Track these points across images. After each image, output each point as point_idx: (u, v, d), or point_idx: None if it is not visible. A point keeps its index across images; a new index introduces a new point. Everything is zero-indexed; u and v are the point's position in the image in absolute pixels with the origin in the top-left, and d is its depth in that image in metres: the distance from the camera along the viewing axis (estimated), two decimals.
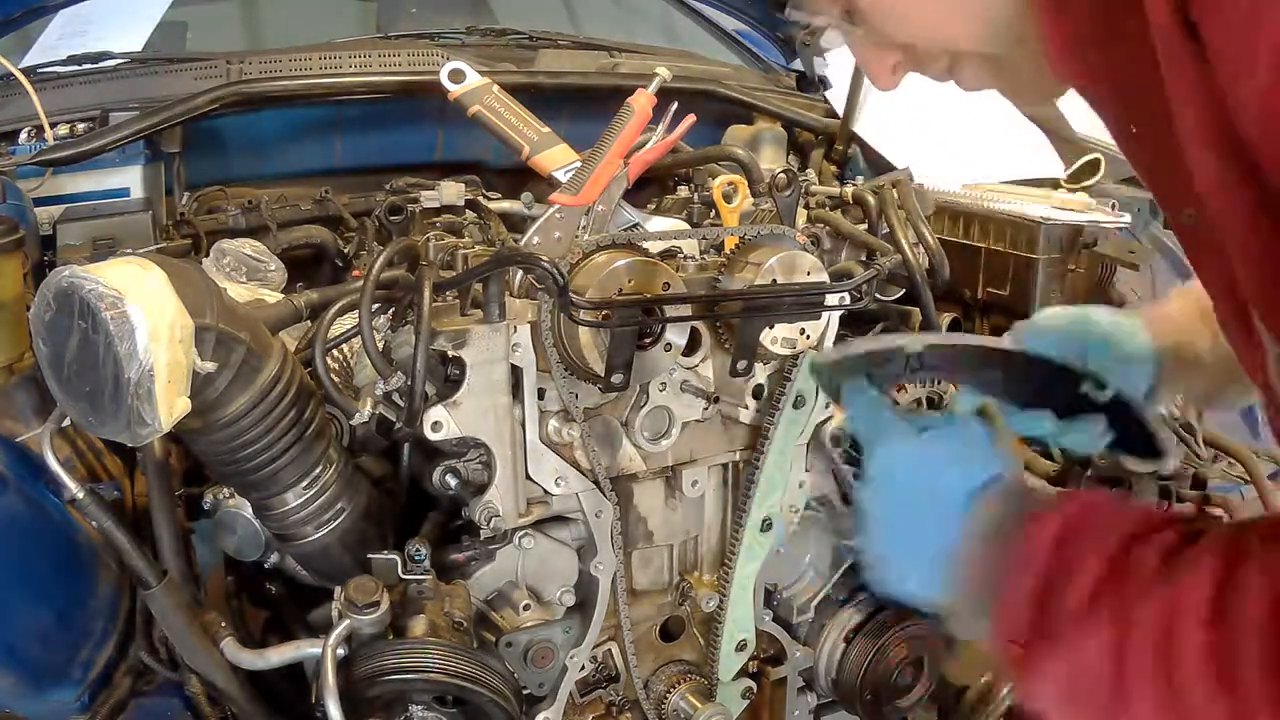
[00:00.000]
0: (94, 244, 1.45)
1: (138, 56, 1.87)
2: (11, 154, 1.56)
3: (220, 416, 1.11)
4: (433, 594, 1.25)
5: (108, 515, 1.16)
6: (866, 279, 1.42)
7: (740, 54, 2.64)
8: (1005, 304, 1.81)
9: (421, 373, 1.18)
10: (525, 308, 1.28)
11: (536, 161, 1.46)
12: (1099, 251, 1.77)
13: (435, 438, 1.24)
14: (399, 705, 1.18)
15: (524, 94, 1.58)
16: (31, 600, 1.16)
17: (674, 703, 1.56)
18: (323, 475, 1.23)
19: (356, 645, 1.16)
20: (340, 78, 1.79)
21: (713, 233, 1.43)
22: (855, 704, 1.69)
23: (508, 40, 2.09)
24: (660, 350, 1.30)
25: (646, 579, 1.52)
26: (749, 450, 1.51)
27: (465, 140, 1.90)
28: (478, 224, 1.63)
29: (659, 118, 1.48)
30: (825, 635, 1.70)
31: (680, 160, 1.78)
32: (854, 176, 1.99)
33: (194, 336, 1.02)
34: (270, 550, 1.35)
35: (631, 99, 1.45)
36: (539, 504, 1.36)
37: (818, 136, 2.14)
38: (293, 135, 1.84)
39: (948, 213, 1.88)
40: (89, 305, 0.95)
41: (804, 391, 1.48)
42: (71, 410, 1.01)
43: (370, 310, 1.23)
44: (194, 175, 1.75)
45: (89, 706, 1.23)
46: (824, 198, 1.74)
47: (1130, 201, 2.00)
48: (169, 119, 1.57)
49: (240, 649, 1.23)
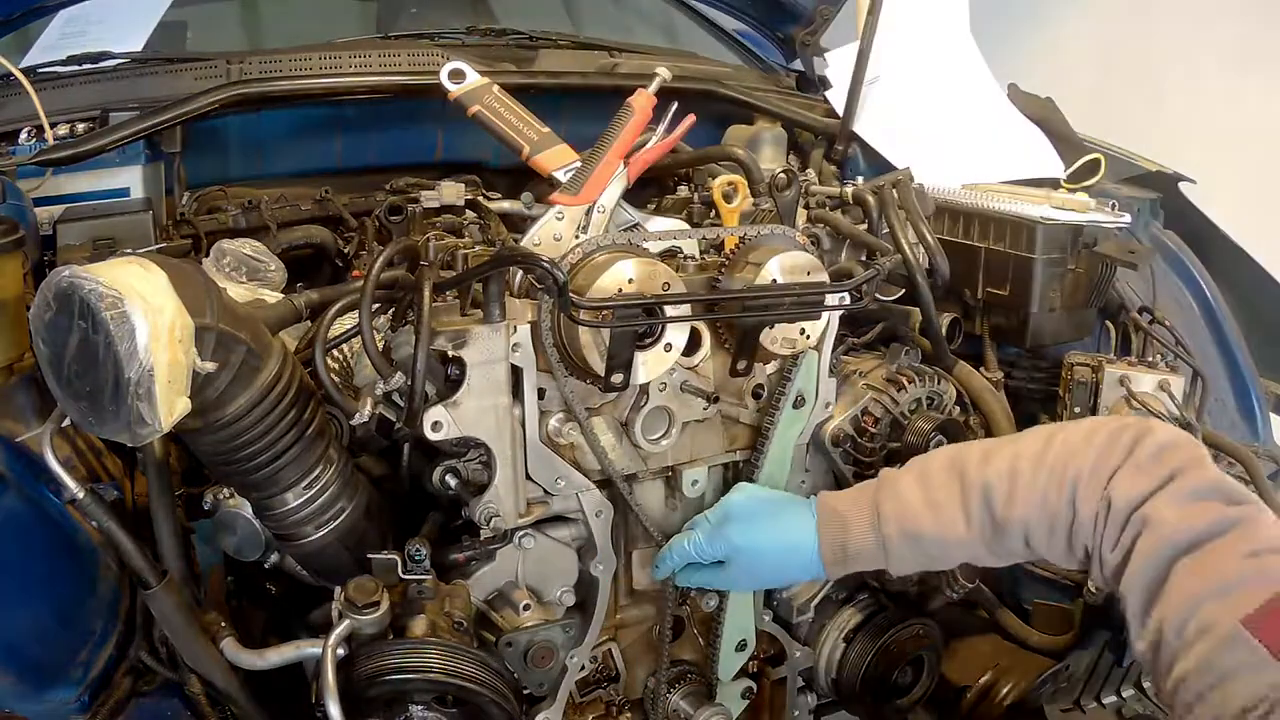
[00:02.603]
0: (94, 244, 1.45)
1: (138, 56, 1.87)
2: (11, 154, 1.56)
3: (220, 416, 1.11)
4: (433, 594, 1.25)
5: (108, 515, 1.16)
6: (866, 279, 1.42)
7: (740, 54, 2.65)
8: (1005, 304, 1.81)
9: (421, 373, 1.18)
10: (525, 308, 1.28)
11: (536, 161, 1.46)
12: (1099, 251, 1.77)
13: (435, 438, 1.24)
14: (399, 705, 1.18)
15: (524, 94, 1.58)
16: (31, 600, 1.16)
17: (674, 703, 1.56)
18: (323, 475, 1.23)
19: (356, 645, 1.16)
20: (340, 78, 1.80)
21: (713, 233, 1.43)
22: (855, 704, 1.69)
23: (508, 40, 2.09)
24: (660, 350, 1.30)
25: (646, 579, 1.52)
26: (749, 450, 1.51)
27: (465, 140, 1.90)
28: (478, 224, 1.64)
29: (659, 118, 1.48)
30: (825, 635, 1.70)
31: (680, 160, 1.79)
32: (854, 176, 1.99)
33: (194, 336, 1.02)
34: (270, 550, 1.35)
35: (631, 99, 1.45)
36: (539, 504, 1.36)
37: (818, 136, 2.15)
38: (293, 135, 1.84)
39: (948, 213, 1.88)
40: (89, 305, 0.95)
41: (804, 391, 1.48)
42: (71, 410, 1.01)
43: (370, 310, 1.23)
44: (194, 175, 1.75)
45: (89, 706, 1.23)
46: (824, 198, 1.74)
47: (1130, 201, 2.00)
48: (169, 119, 1.57)
49: (240, 649, 1.23)
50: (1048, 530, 1.19)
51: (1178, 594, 1.02)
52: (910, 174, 1.75)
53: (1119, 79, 3.79)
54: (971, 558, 1.28)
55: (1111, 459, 1.15)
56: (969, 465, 1.25)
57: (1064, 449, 1.19)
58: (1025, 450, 1.22)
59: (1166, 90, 3.69)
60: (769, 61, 2.63)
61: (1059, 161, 2.07)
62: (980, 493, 1.22)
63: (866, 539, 1.29)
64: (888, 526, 1.28)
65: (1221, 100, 3.55)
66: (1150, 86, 3.72)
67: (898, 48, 2.17)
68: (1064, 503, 1.16)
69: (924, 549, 1.28)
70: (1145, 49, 3.76)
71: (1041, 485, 1.18)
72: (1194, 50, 3.62)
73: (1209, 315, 2.06)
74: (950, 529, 1.24)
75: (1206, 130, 3.41)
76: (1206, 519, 1.04)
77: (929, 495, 1.26)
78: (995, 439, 1.31)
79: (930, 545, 1.27)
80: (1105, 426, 1.19)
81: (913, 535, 1.27)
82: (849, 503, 1.33)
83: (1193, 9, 3.63)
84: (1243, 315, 2.10)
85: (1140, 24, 3.78)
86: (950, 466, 1.27)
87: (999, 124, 2.16)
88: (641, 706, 1.59)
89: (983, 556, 1.27)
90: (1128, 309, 1.91)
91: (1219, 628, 0.96)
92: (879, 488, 1.31)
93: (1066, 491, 1.16)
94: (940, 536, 1.26)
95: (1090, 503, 1.14)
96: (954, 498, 1.24)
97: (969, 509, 1.23)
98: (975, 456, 1.25)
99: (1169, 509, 1.07)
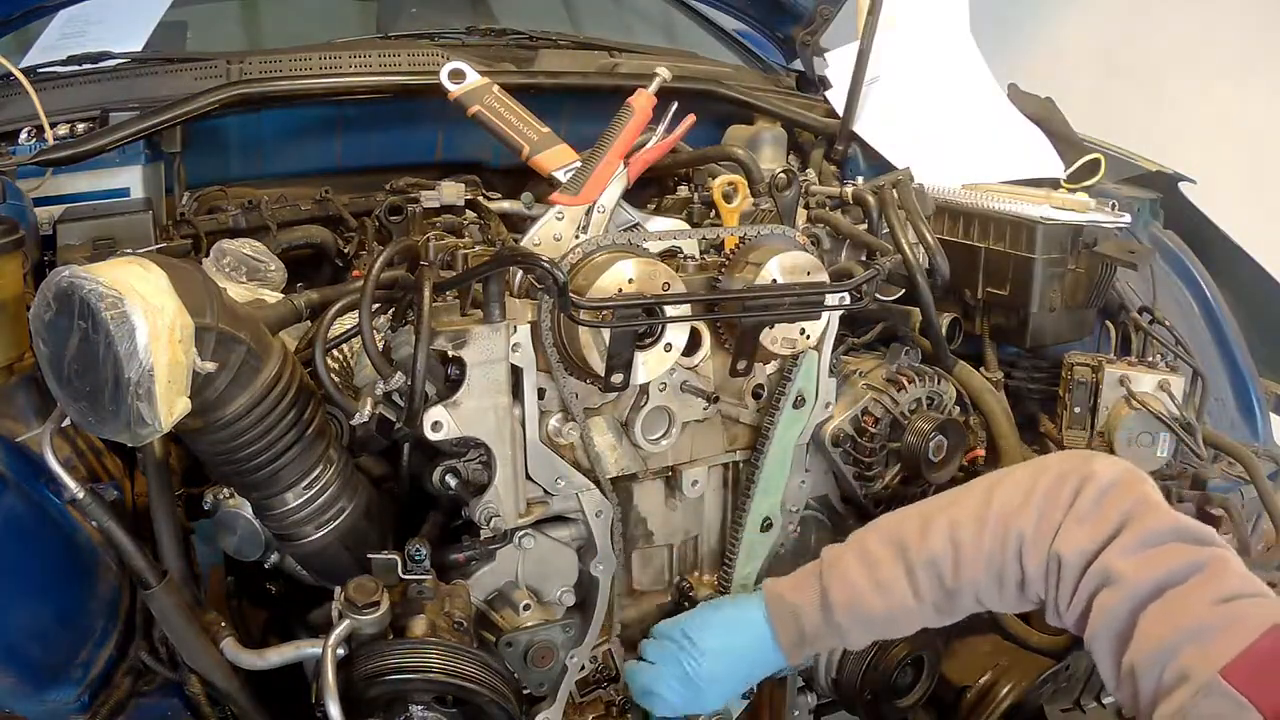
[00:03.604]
0: (94, 244, 1.45)
1: (138, 56, 1.87)
2: (11, 154, 1.55)
3: (220, 416, 1.11)
4: (433, 594, 1.25)
5: (108, 515, 1.16)
6: (866, 279, 1.42)
7: (740, 54, 2.65)
8: (1005, 304, 1.81)
9: (421, 373, 1.18)
10: (525, 308, 1.28)
11: (536, 161, 1.46)
12: (1099, 251, 1.76)
13: (435, 438, 1.24)
14: (399, 705, 1.18)
15: (524, 94, 1.58)
16: (31, 600, 1.16)
17: None
18: (323, 475, 1.23)
19: (356, 645, 1.16)
20: (340, 78, 1.79)
21: (713, 233, 1.43)
22: (855, 704, 1.69)
23: (508, 40, 2.09)
24: (660, 350, 1.30)
25: (646, 579, 1.52)
26: (749, 450, 1.51)
27: (465, 140, 1.90)
28: (478, 224, 1.63)
29: (659, 118, 1.48)
30: None
31: (680, 160, 1.78)
32: (854, 176, 1.99)
33: (194, 336, 1.02)
34: (270, 550, 1.35)
35: (631, 99, 1.45)
36: (539, 504, 1.36)
37: (818, 136, 2.14)
38: (293, 135, 1.84)
39: (948, 213, 1.88)
40: (89, 305, 0.95)
41: (804, 391, 1.48)
42: (71, 410, 1.01)
43: (370, 310, 1.23)
44: (194, 175, 1.75)
45: (89, 706, 1.23)
46: (824, 198, 1.74)
47: (1130, 201, 2.00)
48: (169, 119, 1.57)
49: (240, 649, 1.23)
50: (997, 587, 1.20)
51: (1147, 640, 1.02)
52: (910, 174, 1.75)
53: (1119, 79, 3.79)
54: (925, 624, 1.30)
55: (1054, 515, 1.14)
56: (909, 540, 1.24)
57: (1003, 509, 1.18)
58: (964, 516, 1.21)
59: (1166, 90, 3.69)
60: (769, 61, 2.62)
61: (1059, 161, 2.06)
62: (926, 567, 1.23)
63: (819, 626, 1.30)
64: (839, 614, 1.28)
65: (1221, 100, 3.55)
66: (1150, 86, 3.72)
67: (898, 48, 2.17)
68: (1010, 560, 1.17)
69: (877, 627, 1.31)
70: (1145, 49, 3.77)
71: (986, 549, 1.18)
72: (1194, 50, 3.62)
73: (1209, 315, 2.06)
74: (900, 605, 1.26)
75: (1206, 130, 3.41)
76: (1167, 565, 1.04)
77: (874, 576, 1.26)
78: (931, 501, 1.30)
79: (883, 623, 1.29)
80: (1043, 478, 1.18)
81: (864, 618, 1.28)
82: (796, 591, 1.33)
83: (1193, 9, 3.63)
84: (1242, 315, 2.10)
85: (1140, 24, 3.78)
86: (890, 542, 1.27)
87: (999, 124, 2.16)
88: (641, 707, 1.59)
89: (936, 620, 1.29)
90: (1128, 309, 1.91)
91: (1197, 676, 0.96)
92: (823, 573, 1.31)
93: (1011, 550, 1.16)
94: (891, 614, 1.27)
95: (1038, 560, 1.14)
96: (899, 576, 1.24)
97: (916, 585, 1.24)
98: (914, 529, 1.25)
99: (1124, 561, 1.06)
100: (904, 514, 1.30)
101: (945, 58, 2.23)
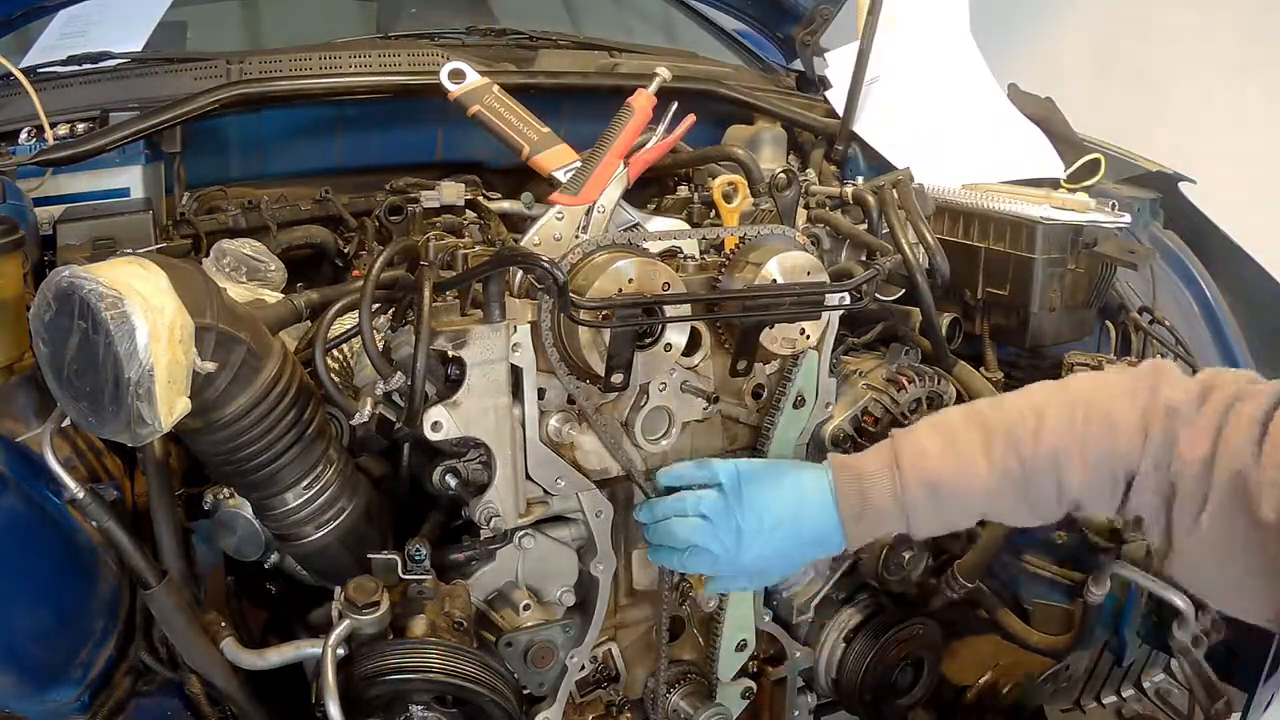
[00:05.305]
0: (94, 244, 1.45)
1: (138, 56, 1.87)
2: (11, 154, 1.56)
3: (220, 416, 1.11)
4: (433, 594, 1.25)
5: (108, 515, 1.16)
6: (866, 279, 1.42)
7: (740, 54, 2.65)
8: (1005, 304, 1.81)
9: (421, 373, 1.18)
10: (525, 308, 1.28)
11: (536, 161, 1.46)
12: (1099, 251, 1.77)
13: (435, 438, 1.24)
14: (399, 705, 1.18)
15: (524, 94, 1.58)
16: (31, 600, 1.16)
17: (674, 703, 1.56)
18: (323, 475, 1.23)
19: (356, 645, 1.16)
20: (340, 78, 1.80)
21: (713, 233, 1.43)
22: (855, 704, 1.69)
23: (508, 40, 2.10)
24: (660, 350, 1.30)
25: (646, 579, 1.52)
26: (749, 450, 1.51)
27: (465, 140, 1.90)
28: (478, 224, 1.64)
29: (659, 118, 1.48)
30: (825, 635, 1.70)
31: (680, 160, 1.79)
32: (854, 176, 1.99)
33: (194, 336, 1.02)
34: (270, 550, 1.35)
35: (631, 99, 1.45)
36: (539, 504, 1.36)
37: (818, 136, 2.15)
38: (293, 135, 1.84)
39: (948, 213, 1.88)
40: (89, 305, 0.95)
41: (804, 391, 1.48)
42: (71, 410, 1.01)
43: (370, 310, 1.23)
44: (194, 175, 1.75)
45: (89, 706, 1.23)
46: (824, 198, 1.74)
47: (1130, 201, 2.00)
48: (169, 119, 1.57)
49: (240, 649, 1.23)
50: (1079, 458, 1.13)
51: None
52: (910, 174, 1.75)
53: (1119, 79, 3.79)
54: (995, 509, 1.22)
55: (1143, 380, 1.13)
56: (986, 411, 1.21)
57: (1086, 381, 1.20)
58: (1042, 390, 1.20)
59: (1166, 90, 3.68)
60: (769, 61, 2.63)
61: (1059, 161, 2.07)
62: (1004, 433, 1.17)
63: (884, 493, 1.22)
64: (906, 477, 1.20)
65: (1221, 100, 3.55)
66: (1150, 86, 3.72)
67: (898, 48, 2.18)
68: (1101, 422, 1.12)
69: (944, 501, 1.20)
70: (1145, 49, 3.76)
71: (1068, 413, 1.14)
72: (1193, 50, 3.62)
73: (1209, 315, 2.06)
74: (971, 472, 1.18)
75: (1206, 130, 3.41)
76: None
77: (949, 441, 1.20)
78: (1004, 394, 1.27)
79: (949, 493, 1.19)
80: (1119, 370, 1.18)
81: (932, 484, 1.19)
82: (864, 459, 1.26)
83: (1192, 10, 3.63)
84: (1242, 315, 2.09)
85: (1140, 24, 3.78)
86: (968, 414, 1.23)
87: (999, 124, 2.16)
88: (641, 706, 1.59)
89: (1007, 506, 1.20)
90: (1128, 309, 1.91)
91: None
92: (895, 437, 1.25)
93: (1100, 409, 1.13)
94: (961, 483, 1.19)
95: (1133, 412, 1.12)
96: (974, 443, 1.18)
97: (991, 452, 1.17)
98: (988, 404, 1.22)
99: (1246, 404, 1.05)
100: (975, 400, 1.29)
101: (945, 58, 2.24)
